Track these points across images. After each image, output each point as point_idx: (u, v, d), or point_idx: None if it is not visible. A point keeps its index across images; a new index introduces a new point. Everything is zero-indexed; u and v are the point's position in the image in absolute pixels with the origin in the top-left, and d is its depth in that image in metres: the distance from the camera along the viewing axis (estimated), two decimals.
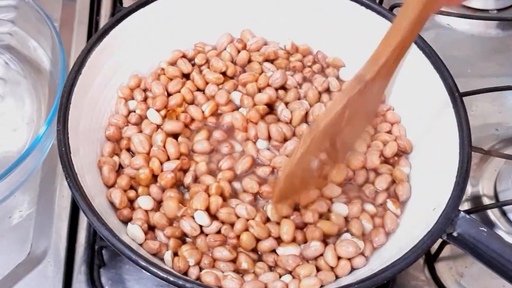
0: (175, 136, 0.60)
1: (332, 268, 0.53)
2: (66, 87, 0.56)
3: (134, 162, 0.57)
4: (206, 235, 0.54)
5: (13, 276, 0.58)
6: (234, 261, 0.54)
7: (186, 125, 0.61)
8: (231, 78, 0.64)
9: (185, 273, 0.53)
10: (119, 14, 0.61)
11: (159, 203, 0.56)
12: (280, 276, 0.53)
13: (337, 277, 0.53)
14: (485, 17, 0.79)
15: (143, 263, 0.48)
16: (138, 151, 0.58)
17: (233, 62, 0.65)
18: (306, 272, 0.52)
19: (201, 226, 0.54)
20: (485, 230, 0.50)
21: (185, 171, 0.58)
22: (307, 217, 0.55)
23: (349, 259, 0.54)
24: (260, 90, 0.63)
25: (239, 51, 0.66)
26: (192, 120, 0.61)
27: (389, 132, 0.61)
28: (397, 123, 0.62)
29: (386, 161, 0.60)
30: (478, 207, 0.64)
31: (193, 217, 0.54)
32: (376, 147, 0.60)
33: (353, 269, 0.54)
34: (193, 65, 0.65)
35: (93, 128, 0.59)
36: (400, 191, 0.57)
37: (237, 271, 0.53)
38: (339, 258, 0.54)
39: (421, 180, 0.58)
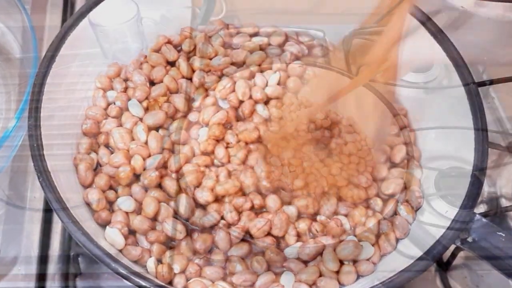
0: (157, 128, 0.60)
1: (335, 275, 0.53)
2: (38, 77, 0.56)
3: (114, 159, 0.57)
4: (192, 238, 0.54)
5: None
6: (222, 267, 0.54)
7: (170, 116, 0.60)
8: None
9: (170, 283, 0.52)
10: None
11: (141, 205, 0.56)
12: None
13: (342, 285, 0.53)
14: None
15: (123, 272, 0.48)
16: (118, 147, 0.58)
17: (224, 47, 0.65)
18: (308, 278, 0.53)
19: (187, 228, 0.54)
20: (503, 235, 0.50)
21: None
22: None
23: (354, 264, 0.54)
24: None
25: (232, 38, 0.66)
26: (176, 111, 0.61)
27: (397, 135, 0.61)
28: (407, 128, 0.62)
29: (395, 165, 0.60)
30: (495, 210, 0.64)
31: (176, 217, 0.54)
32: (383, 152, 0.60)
33: (359, 276, 0.54)
34: (179, 51, 0.65)
35: (68, 122, 0.59)
36: (411, 197, 0.57)
37: (225, 278, 0.53)
38: (341, 263, 0.54)
39: (432, 180, 0.58)
